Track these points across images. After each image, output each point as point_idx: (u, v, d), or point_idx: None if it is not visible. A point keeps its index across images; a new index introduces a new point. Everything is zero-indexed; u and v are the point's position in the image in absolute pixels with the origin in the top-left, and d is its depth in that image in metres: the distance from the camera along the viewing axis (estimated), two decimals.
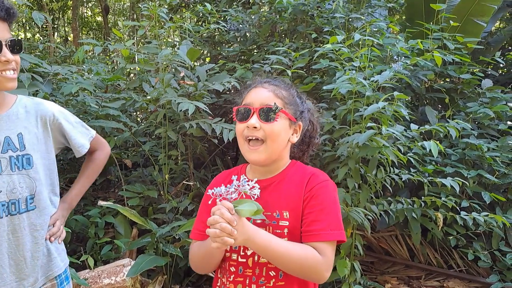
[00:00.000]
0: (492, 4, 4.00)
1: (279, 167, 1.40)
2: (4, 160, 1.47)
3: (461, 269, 3.48)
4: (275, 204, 1.33)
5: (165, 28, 3.49)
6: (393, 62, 3.04)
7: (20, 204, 1.51)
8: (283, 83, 1.42)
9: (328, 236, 1.27)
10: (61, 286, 1.67)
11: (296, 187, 1.35)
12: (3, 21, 1.41)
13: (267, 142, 1.31)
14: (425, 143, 2.46)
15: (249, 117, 1.32)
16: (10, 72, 1.43)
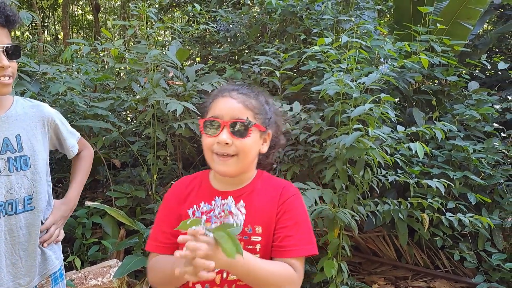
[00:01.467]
0: (478, 7, 4.04)
1: (247, 177, 1.35)
2: (2, 161, 1.49)
3: (447, 270, 3.52)
4: (247, 218, 1.22)
5: (154, 28, 3.48)
6: (380, 64, 3.06)
7: (17, 204, 1.52)
8: (252, 91, 1.33)
9: (301, 252, 1.24)
10: (55, 283, 1.69)
11: (269, 201, 1.30)
12: (2, 27, 1.42)
13: (238, 156, 1.25)
14: (411, 145, 2.49)
15: (218, 131, 1.23)
16: (5, 78, 1.43)
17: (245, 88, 1.33)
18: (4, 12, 1.40)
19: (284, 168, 3.12)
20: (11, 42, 1.45)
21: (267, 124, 1.32)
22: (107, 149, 4.01)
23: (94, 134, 3.47)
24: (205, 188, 1.34)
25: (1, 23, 1.41)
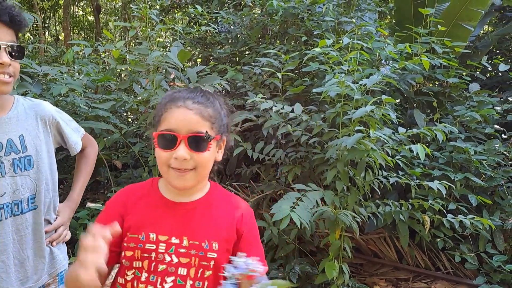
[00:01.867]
0: (479, 9, 4.05)
1: (201, 187, 1.30)
2: (7, 162, 1.49)
3: (448, 271, 3.52)
4: (203, 233, 1.21)
5: (156, 29, 3.48)
6: (382, 65, 3.07)
7: (22, 204, 1.53)
8: (207, 98, 1.23)
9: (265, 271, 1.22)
10: (61, 282, 1.71)
11: (226, 217, 1.26)
12: (7, 27, 1.42)
13: (196, 170, 1.19)
14: (412, 147, 2.49)
15: (175, 146, 1.15)
16: (4, 76, 1.41)
17: (200, 95, 1.23)
18: (10, 12, 1.40)
19: (285, 169, 3.12)
20: (16, 42, 1.44)
21: (222, 131, 1.26)
22: (108, 150, 4.02)
23: (96, 136, 3.48)
24: (156, 198, 1.27)
25: (5, 22, 1.40)
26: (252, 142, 3.37)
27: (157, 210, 1.24)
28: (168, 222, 1.22)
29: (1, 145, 1.49)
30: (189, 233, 1.20)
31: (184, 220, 1.22)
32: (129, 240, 1.20)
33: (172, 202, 1.26)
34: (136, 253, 1.18)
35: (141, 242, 1.18)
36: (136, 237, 1.19)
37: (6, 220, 1.50)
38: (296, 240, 3.25)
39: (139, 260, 1.18)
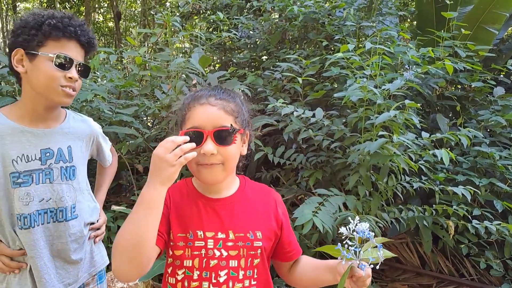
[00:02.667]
0: (503, 12, 3.99)
1: (231, 182, 1.34)
2: (56, 170, 1.59)
3: (473, 278, 3.46)
4: (246, 224, 1.27)
5: (178, 36, 3.53)
6: (404, 70, 3.05)
7: (66, 212, 1.62)
8: (228, 95, 1.28)
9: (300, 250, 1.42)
10: (100, 281, 1.83)
11: (264, 206, 1.33)
12: (82, 47, 1.56)
13: (224, 164, 1.22)
14: (436, 152, 2.47)
15: (202, 141, 1.17)
16: (71, 90, 1.54)
17: (221, 92, 1.28)
18: (88, 35, 1.56)
19: (306, 174, 3.12)
20: (83, 61, 1.58)
21: (245, 125, 1.30)
22: (130, 155, 4.07)
23: (119, 140, 3.53)
24: (195, 197, 1.31)
25: (82, 44, 1.55)
26: (272, 146, 3.37)
27: (199, 208, 1.28)
28: (212, 219, 1.26)
29: (53, 152, 1.58)
30: (233, 227, 1.26)
31: (226, 215, 1.27)
32: (178, 239, 1.23)
33: (212, 199, 1.30)
34: (186, 251, 1.23)
35: (190, 241, 1.23)
36: (184, 236, 1.23)
37: (48, 225, 1.58)
38: (317, 245, 3.24)
39: (189, 258, 1.22)
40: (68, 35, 1.50)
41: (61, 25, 1.49)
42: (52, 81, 1.49)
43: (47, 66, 1.48)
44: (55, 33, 1.48)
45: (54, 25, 1.48)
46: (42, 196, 1.55)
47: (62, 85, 1.51)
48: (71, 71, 1.51)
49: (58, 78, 1.49)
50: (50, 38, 1.49)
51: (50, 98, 1.53)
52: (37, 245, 1.55)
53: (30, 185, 1.53)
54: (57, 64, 1.48)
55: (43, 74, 1.48)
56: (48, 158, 1.57)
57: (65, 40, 1.51)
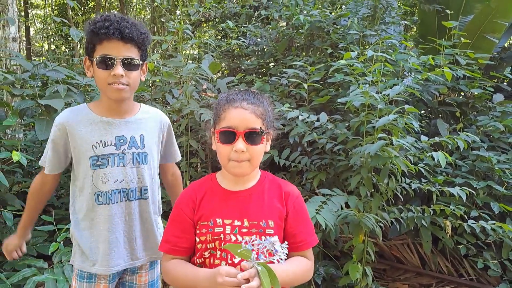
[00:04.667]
0: (503, 21, 4.12)
1: (253, 175, 1.51)
2: (128, 155, 1.80)
3: (471, 278, 3.57)
4: (260, 214, 1.44)
5: (189, 43, 3.69)
6: (405, 77, 3.18)
7: (135, 192, 1.82)
8: (257, 99, 1.45)
9: (312, 243, 1.48)
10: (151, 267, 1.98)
11: (276, 199, 1.48)
12: (125, 42, 1.66)
13: (251, 161, 1.41)
14: (433, 154, 2.59)
15: (234, 140, 1.38)
16: (118, 85, 1.66)
17: (252, 96, 1.45)
18: (121, 29, 1.64)
19: (310, 175, 3.26)
20: (133, 55, 1.69)
21: (270, 126, 1.48)
22: None
23: None
24: (217, 190, 1.50)
25: (121, 39, 1.65)
26: (277, 149, 3.52)
27: (220, 200, 1.48)
28: (230, 208, 1.45)
29: (126, 139, 1.79)
30: (248, 215, 1.43)
31: (243, 205, 1.45)
32: (201, 227, 1.44)
33: (232, 192, 1.49)
34: (208, 236, 1.42)
35: (210, 227, 1.42)
36: (206, 224, 1.44)
37: (121, 203, 1.79)
38: (320, 244, 3.37)
39: (211, 242, 1.42)
40: (104, 36, 1.63)
41: (96, 29, 1.63)
42: (100, 81, 1.68)
43: (96, 69, 1.68)
44: (96, 38, 1.65)
45: (92, 31, 1.64)
46: (116, 177, 1.76)
47: (110, 83, 1.66)
48: (114, 68, 1.64)
49: (105, 78, 1.66)
50: (96, 44, 1.66)
51: (108, 95, 1.71)
52: (111, 220, 1.77)
53: (106, 167, 1.75)
54: (98, 66, 1.66)
55: (96, 76, 1.69)
56: (122, 144, 1.78)
57: (106, 41, 1.64)
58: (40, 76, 3.30)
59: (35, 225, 3.30)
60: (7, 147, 3.31)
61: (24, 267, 2.63)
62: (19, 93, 3.18)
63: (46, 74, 3.22)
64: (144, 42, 1.73)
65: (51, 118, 3.00)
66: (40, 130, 2.91)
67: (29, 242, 2.06)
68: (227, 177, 1.51)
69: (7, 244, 1.95)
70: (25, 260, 2.71)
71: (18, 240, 1.95)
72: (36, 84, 3.29)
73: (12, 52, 4.26)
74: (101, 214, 1.77)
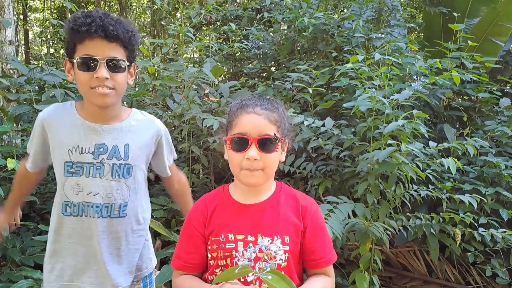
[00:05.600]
0: (509, 24, 4.07)
1: (268, 186, 1.41)
2: (107, 166, 1.60)
3: (479, 286, 3.49)
4: (274, 229, 1.34)
5: (191, 46, 3.63)
6: (412, 80, 3.12)
7: (113, 209, 1.62)
8: (272, 105, 1.37)
9: (331, 260, 1.40)
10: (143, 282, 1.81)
11: (293, 213, 1.38)
12: (108, 41, 1.48)
13: (265, 170, 1.31)
14: (443, 160, 2.52)
15: (246, 147, 1.29)
16: (103, 88, 1.50)
17: (266, 102, 1.36)
18: (105, 26, 1.45)
19: (316, 182, 3.18)
20: (118, 56, 1.51)
21: (286, 134, 1.39)
22: None
23: None
24: (229, 203, 1.40)
25: (101, 37, 1.46)
26: None
27: (232, 214, 1.38)
28: (243, 223, 1.35)
29: (106, 148, 1.60)
30: (262, 230, 1.33)
31: (256, 220, 1.35)
32: (212, 243, 1.34)
33: (244, 205, 1.39)
34: (219, 253, 1.32)
35: (222, 243, 1.32)
36: (217, 239, 1.34)
37: (95, 219, 1.59)
38: None
39: (222, 258, 1.32)
40: (86, 34, 1.45)
41: (77, 26, 1.45)
42: (82, 85, 1.51)
43: (77, 71, 1.50)
44: (77, 37, 1.47)
45: (72, 28, 1.46)
46: (90, 189, 1.58)
47: (92, 87, 1.49)
48: (97, 70, 1.47)
49: (87, 81, 1.49)
50: (77, 43, 1.48)
51: (90, 101, 1.55)
52: (84, 234, 1.60)
53: (80, 176, 1.58)
54: (79, 68, 1.48)
55: (77, 79, 1.51)
56: (101, 153, 1.59)
57: (88, 40, 1.46)
58: (36, 80, 3.22)
59: (32, 234, 3.24)
60: (4, 153, 3.23)
61: (21, 278, 2.55)
62: (15, 98, 3.11)
63: (43, 78, 3.14)
64: (131, 41, 1.55)
65: None
66: None
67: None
68: (239, 189, 1.41)
69: None
70: (22, 271, 2.63)
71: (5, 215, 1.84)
72: (33, 89, 3.21)
73: (8, 56, 4.18)
74: (67, 226, 1.60)
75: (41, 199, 3.96)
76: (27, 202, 3.56)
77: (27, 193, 1.88)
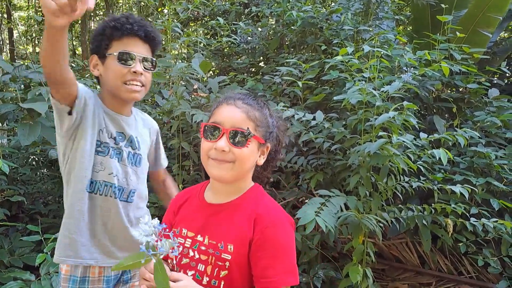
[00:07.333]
0: (497, 15, 4.08)
1: (241, 188, 1.35)
2: (125, 152, 1.76)
3: (471, 275, 3.52)
4: (222, 234, 1.28)
5: (178, 42, 3.59)
6: (401, 72, 3.11)
7: (124, 193, 1.75)
8: (257, 103, 1.34)
9: (280, 283, 1.22)
10: None
11: (246, 221, 1.27)
12: (143, 42, 1.69)
13: (235, 164, 1.26)
14: (434, 151, 2.52)
15: (218, 137, 1.25)
16: (136, 86, 1.67)
17: (251, 98, 1.34)
18: (145, 28, 1.67)
19: (307, 176, 3.17)
20: (149, 56, 1.71)
21: (267, 138, 1.33)
22: None
23: None
24: (197, 199, 1.39)
25: (141, 37, 1.67)
26: None
27: (194, 210, 1.38)
28: (198, 221, 1.33)
29: (124, 137, 1.77)
30: (210, 233, 1.30)
31: (210, 221, 1.32)
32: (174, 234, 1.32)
33: (207, 204, 1.37)
34: None
35: (175, 236, 1.31)
36: (174, 231, 1.34)
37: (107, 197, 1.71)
38: (319, 246, 3.29)
39: None
40: (127, 33, 1.63)
41: (119, 25, 1.62)
42: (118, 78, 1.64)
43: (114, 64, 1.63)
44: (116, 34, 1.63)
45: (114, 27, 1.63)
46: (111, 170, 1.70)
47: (127, 82, 1.64)
48: (135, 65, 1.64)
49: (124, 74, 1.63)
50: (113, 39, 1.64)
51: (119, 95, 1.69)
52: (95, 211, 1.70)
53: (105, 156, 1.70)
54: (120, 60, 1.62)
55: (111, 72, 1.64)
56: (120, 141, 1.75)
57: (126, 38, 1.64)
58: (22, 78, 3.17)
59: (20, 235, 3.19)
60: None
61: (10, 279, 2.51)
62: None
63: (29, 76, 3.09)
64: (158, 47, 1.76)
65: (34, 122, 2.86)
66: (23, 135, 2.77)
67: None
68: (212, 187, 1.39)
69: None
70: (11, 273, 2.59)
71: None
72: (18, 87, 3.15)
73: None
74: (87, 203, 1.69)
75: (30, 200, 3.91)
76: (15, 203, 3.50)
77: None
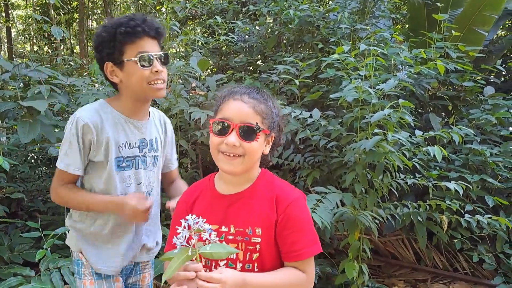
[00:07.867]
0: (492, 14, 4.11)
1: (250, 177, 1.40)
2: (149, 157, 1.80)
3: (466, 272, 3.56)
4: (247, 220, 1.33)
5: (177, 40, 3.61)
6: (397, 71, 3.14)
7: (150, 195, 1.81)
8: (261, 96, 1.38)
9: (308, 254, 1.32)
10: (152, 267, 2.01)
11: (268, 204, 1.35)
12: (153, 38, 1.68)
13: (245, 157, 1.31)
14: (429, 149, 2.55)
15: (227, 132, 1.30)
16: (160, 84, 1.68)
17: (255, 92, 1.37)
18: (155, 26, 1.68)
19: (304, 173, 3.20)
20: (161, 50, 1.71)
21: (272, 128, 1.39)
22: None
23: None
24: (210, 192, 1.42)
25: (152, 36, 1.67)
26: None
27: (210, 203, 1.40)
28: (218, 213, 1.36)
29: (146, 142, 1.78)
30: (235, 222, 1.34)
31: (230, 210, 1.36)
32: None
33: (221, 195, 1.40)
34: None
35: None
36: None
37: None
38: None
39: None
40: (139, 35, 1.63)
41: (130, 28, 1.62)
42: (141, 82, 1.65)
43: (136, 68, 1.63)
44: (129, 38, 1.63)
45: (125, 31, 1.62)
46: (140, 180, 1.76)
47: (151, 82, 1.65)
48: (155, 65, 1.65)
49: (147, 76, 1.64)
50: (126, 44, 1.63)
51: (146, 96, 1.71)
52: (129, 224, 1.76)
53: (131, 169, 1.74)
54: (141, 64, 1.63)
55: (135, 77, 1.64)
56: (144, 147, 1.77)
57: (138, 39, 1.64)
58: (21, 76, 3.19)
59: (20, 232, 3.21)
60: None
61: (10, 275, 2.53)
62: None
63: (28, 75, 3.11)
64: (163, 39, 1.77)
65: (34, 120, 2.89)
66: (23, 133, 2.80)
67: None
68: (222, 178, 1.42)
69: None
70: (11, 269, 2.61)
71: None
72: (18, 85, 3.17)
73: None
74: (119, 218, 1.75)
75: (29, 197, 3.93)
76: (15, 200, 3.53)
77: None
